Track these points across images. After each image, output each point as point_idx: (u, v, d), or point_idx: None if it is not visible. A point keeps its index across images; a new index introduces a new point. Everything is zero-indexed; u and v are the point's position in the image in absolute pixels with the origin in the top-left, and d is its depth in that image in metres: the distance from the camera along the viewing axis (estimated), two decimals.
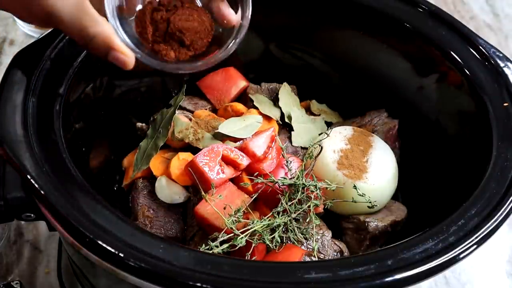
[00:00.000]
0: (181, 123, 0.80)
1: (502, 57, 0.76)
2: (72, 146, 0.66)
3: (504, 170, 0.65)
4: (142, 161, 0.79)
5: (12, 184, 0.63)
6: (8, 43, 1.23)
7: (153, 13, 0.66)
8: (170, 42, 0.67)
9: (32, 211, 0.63)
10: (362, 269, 0.54)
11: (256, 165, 0.75)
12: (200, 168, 0.72)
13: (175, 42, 0.67)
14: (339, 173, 0.77)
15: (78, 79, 0.72)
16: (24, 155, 0.60)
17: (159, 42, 0.66)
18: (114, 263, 0.54)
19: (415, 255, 0.56)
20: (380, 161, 0.79)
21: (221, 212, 0.68)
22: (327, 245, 0.73)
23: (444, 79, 0.80)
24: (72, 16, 0.56)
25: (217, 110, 0.88)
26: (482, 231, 0.58)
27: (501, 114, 0.71)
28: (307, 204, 0.72)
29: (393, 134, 0.86)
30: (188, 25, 0.66)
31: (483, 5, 1.43)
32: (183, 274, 0.52)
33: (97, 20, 0.57)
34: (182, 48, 0.67)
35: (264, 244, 0.69)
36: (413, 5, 0.83)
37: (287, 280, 0.53)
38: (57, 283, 0.88)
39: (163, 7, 0.66)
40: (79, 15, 0.56)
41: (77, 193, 0.59)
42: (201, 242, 0.69)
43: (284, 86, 0.89)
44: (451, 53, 0.78)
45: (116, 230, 0.55)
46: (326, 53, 0.92)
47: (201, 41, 0.68)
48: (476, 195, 0.62)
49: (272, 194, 0.73)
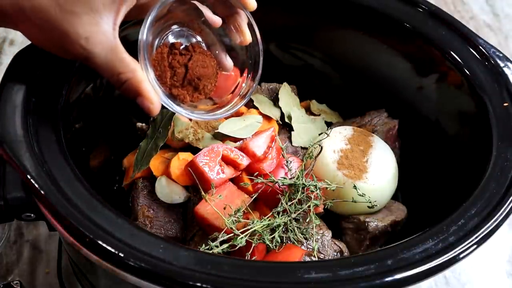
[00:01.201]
0: (181, 123, 0.80)
1: (502, 57, 0.76)
2: (72, 146, 0.66)
3: (504, 170, 0.65)
4: (142, 161, 0.79)
5: (12, 184, 0.63)
6: (8, 43, 1.23)
7: (170, 56, 0.68)
8: (186, 87, 0.70)
9: (32, 211, 0.63)
10: (362, 269, 0.54)
11: (256, 165, 0.75)
12: (200, 168, 0.72)
13: (190, 87, 0.70)
14: (339, 173, 0.77)
15: (78, 79, 0.72)
16: (24, 155, 0.60)
17: (177, 87, 0.69)
18: (114, 263, 0.54)
19: (415, 255, 0.56)
20: (380, 161, 0.79)
21: (221, 212, 0.68)
22: (327, 245, 0.73)
23: (444, 79, 0.80)
24: (107, 61, 0.59)
25: None
26: (482, 231, 0.58)
27: (501, 114, 0.71)
28: (307, 204, 0.72)
29: (393, 134, 0.86)
30: (204, 71, 0.70)
31: (483, 5, 1.43)
32: (183, 274, 0.52)
33: (129, 65, 0.60)
34: (195, 92, 0.71)
35: (264, 244, 0.69)
36: (413, 5, 0.83)
37: (287, 280, 0.53)
38: (57, 283, 0.88)
39: (177, 50, 0.69)
40: (114, 60, 0.59)
41: (77, 193, 0.59)
42: (201, 242, 0.69)
43: (284, 86, 0.89)
44: (451, 53, 0.78)
45: (116, 230, 0.55)
46: (326, 53, 0.92)
47: (211, 85, 0.72)
48: (476, 195, 0.62)
49: (272, 194, 0.73)
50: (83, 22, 0.58)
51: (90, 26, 0.58)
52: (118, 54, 0.60)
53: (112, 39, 0.59)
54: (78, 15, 0.57)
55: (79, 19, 0.58)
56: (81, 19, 0.58)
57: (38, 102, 0.66)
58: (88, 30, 0.58)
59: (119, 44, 0.60)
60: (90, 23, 0.58)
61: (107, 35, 0.59)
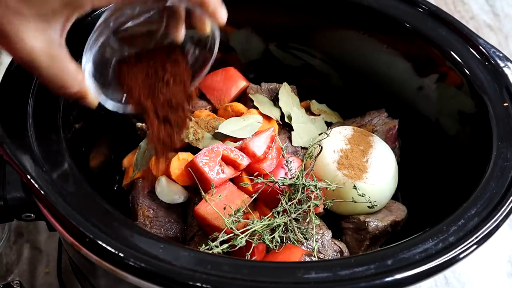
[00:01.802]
0: None
1: (502, 57, 0.76)
2: (72, 146, 0.66)
3: (504, 170, 0.65)
4: (142, 161, 0.79)
5: (12, 184, 0.63)
6: None
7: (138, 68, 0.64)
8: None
9: (32, 211, 0.64)
10: (362, 269, 0.54)
11: (256, 165, 0.75)
12: (200, 168, 0.72)
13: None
14: (339, 173, 0.77)
15: None
16: (24, 155, 0.60)
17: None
18: (114, 263, 0.54)
19: (415, 255, 0.56)
20: (380, 161, 0.79)
21: (221, 212, 0.68)
22: (327, 245, 0.73)
23: (444, 79, 0.80)
24: (53, 73, 0.54)
25: (217, 110, 0.88)
26: (482, 231, 0.58)
27: (501, 114, 0.71)
28: (307, 204, 0.72)
29: (393, 134, 0.86)
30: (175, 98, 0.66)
31: (483, 5, 1.43)
32: (183, 274, 0.52)
33: (75, 78, 0.55)
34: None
35: (264, 244, 0.69)
36: (413, 5, 0.83)
37: (287, 280, 0.53)
38: (57, 283, 0.88)
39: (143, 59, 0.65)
40: (59, 73, 0.54)
41: (77, 193, 0.59)
42: (201, 242, 0.69)
43: (284, 86, 0.89)
44: (451, 53, 0.78)
45: (116, 230, 0.55)
46: (326, 53, 0.92)
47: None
48: (476, 195, 0.62)
49: (272, 194, 0.73)
50: (30, 27, 0.51)
51: (37, 32, 0.51)
52: (64, 65, 0.54)
53: (58, 49, 0.53)
54: (25, 17, 0.50)
55: (25, 23, 0.50)
56: (27, 23, 0.50)
57: (38, 102, 0.66)
58: (34, 37, 0.51)
59: (65, 54, 0.54)
60: (37, 28, 0.51)
61: (54, 44, 0.53)
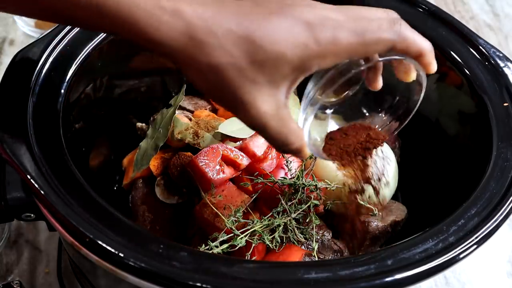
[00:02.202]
0: (181, 123, 0.80)
1: (502, 57, 0.76)
2: (72, 146, 0.66)
3: (504, 170, 0.65)
4: (142, 161, 0.79)
5: (12, 184, 0.63)
6: (8, 43, 1.23)
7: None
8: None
9: (32, 211, 0.63)
10: (362, 269, 0.54)
11: (256, 165, 0.75)
12: (200, 168, 0.72)
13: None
14: (339, 173, 0.77)
15: (78, 79, 0.71)
16: (24, 155, 0.60)
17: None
18: (114, 263, 0.54)
19: (415, 255, 0.56)
20: (380, 161, 0.79)
21: (221, 212, 0.68)
22: (327, 245, 0.73)
23: (444, 79, 0.80)
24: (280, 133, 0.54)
25: (217, 110, 0.88)
26: (482, 231, 0.58)
27: (501, 114, 0.71)
28: (307, 204, 0.72)
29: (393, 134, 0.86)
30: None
31: (483, 5, 1.43)
32: (183, 274, 0.52)
33: (298, 136, 0.55)
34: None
35: (264, 244, 0.69)
36: (413, 5, 0.82)
37: (287, 280, 0.53)
38: (57, 283, 0.88)
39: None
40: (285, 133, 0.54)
41: (77, 193, 0.59)
42: (201, 242, 0.69)
43: None
44: (451, 53, 0.78)
45: (116, 230, 0.55)
46: None
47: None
48: (476, 195, 0.62)
49: (272, 194, 0.73)
50: (262, 93, 0.51)
51: (268, 98, 0.51)
52: (289, 125, 0.54)
53: (284, 110, 0.53)
54: (259, 85, 0.50)
55: (259, 90, 0.51)
56: (260, 90, 0.51)
57: (38, 102, 0.66)
58: (266, 102, 0.51)
59: (288, 114, 0.55)
60: (269, 95, 0.51)
61: (281, 106, 0.53)
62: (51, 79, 0.68)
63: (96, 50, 0.74)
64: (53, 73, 0.69)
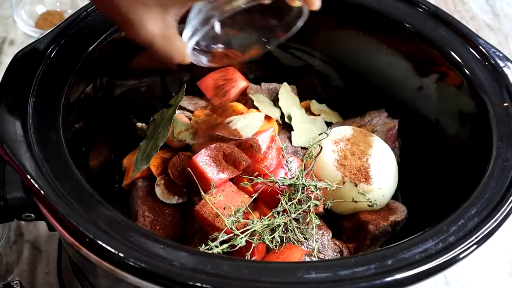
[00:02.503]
0: (180, 124, 0.80)
1: (502, 57, 0.76)
2: (72, 146, 0.66)
3: (504, 170, 0.65)
4: (142, 161, 0.79)
5: (12, 184, 0.63)
6: (8, 43, 1.23)
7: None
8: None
9: (32, 211, 0.63)
10: (362, 269, 0.54)
11: (256, 165, 0.75)
12: (200, 168, 0.72)
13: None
14: (339, 173, 0.77)
15: (78, 79, 0.72)
16: (24, 155, 0.60)
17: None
18: (114, 263, 0.54)
19: (415, 255, 0.56)
20: (380, 161, 0.79)
21: (221, 212, 0.68)
22: (327, 245, 0.73)
23: (444, 79, 0.80)
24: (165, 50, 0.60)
25: (217, 110, 0.88)
26: (482, 231, 0.58)
27: (501, 114, 0.71)
28: (307, 204, 0.72)
29: (393, 134, 0.86)
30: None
31: (483, 5, 1.43)
32: (183, 274, 0.52)
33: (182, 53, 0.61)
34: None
35: (264, 244, 0.69)
36: (413, 5, 0.83)
37: (287, 280, 0.53)
38: (57, 283, 0.88)
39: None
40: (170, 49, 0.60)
41: (77, 193, 0.59)
42: (201, 242, 0.69)
43: (284, 86, 0.89)
44: (451, 53, 0.78)
45: (116, 230, 0.55)
46: (326, 53, 0.92)
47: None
48: (476, 195, 0.62)
49: (272, 194, 0.73)
50: (152, 16, 0.56)
51: (157, 21, 0.57)
52: (173, 43, 0.60)
53: (171, 30, 0.59)
54: (149, 7, 0.56)
55: (148, 12, 0.56)
56: (149, 13, 0.56)
57: (38, 102, 0.66)
58: (154, 22, 0.57)
59: (175, 34, 0.60)
60: (158, 18, 0.57)
61: (168, 27, 0.58)
62: (51, 79, 0.68)
63: (96, 50, 0.74)
64: (53, 73, 0.69)
